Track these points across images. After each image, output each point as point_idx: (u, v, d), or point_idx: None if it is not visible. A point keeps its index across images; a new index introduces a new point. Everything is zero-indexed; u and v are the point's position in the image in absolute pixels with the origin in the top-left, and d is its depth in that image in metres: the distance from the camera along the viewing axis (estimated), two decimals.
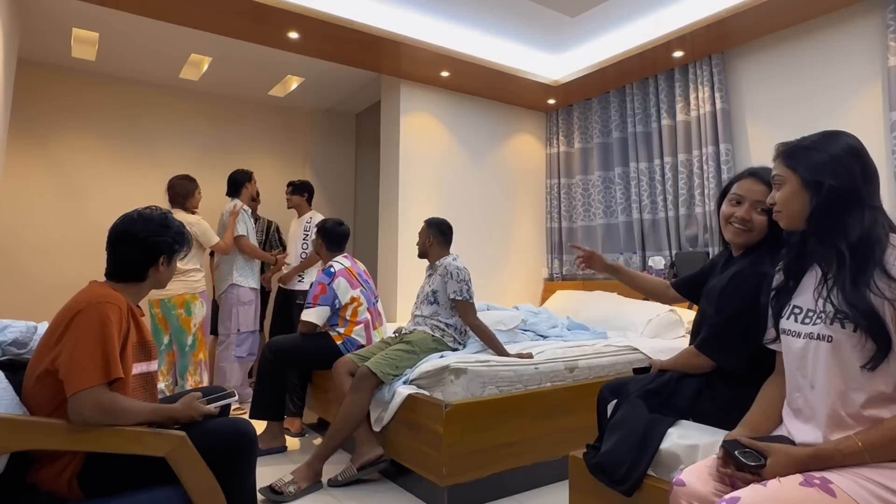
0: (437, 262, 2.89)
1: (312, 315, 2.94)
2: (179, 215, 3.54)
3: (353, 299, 3.02)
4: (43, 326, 1.79)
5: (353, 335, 2.98)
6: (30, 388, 1.44)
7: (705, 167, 3.81)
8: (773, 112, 3.62)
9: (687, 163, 3.98)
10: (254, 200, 4.13)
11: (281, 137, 5.45)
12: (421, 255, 2.97)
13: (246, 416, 3.23)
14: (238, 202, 3.81)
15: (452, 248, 3.02)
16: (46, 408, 1.42)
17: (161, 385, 1.97)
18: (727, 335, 1.44)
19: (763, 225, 1.46)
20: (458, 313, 2.79)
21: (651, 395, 1.49)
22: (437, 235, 2.92)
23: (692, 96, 3.95)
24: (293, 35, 3.58)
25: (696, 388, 1.48)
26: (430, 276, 2.93)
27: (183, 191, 3.58)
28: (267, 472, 2.58)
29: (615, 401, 1.53)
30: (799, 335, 1.15)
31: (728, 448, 1.08)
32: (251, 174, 3.98)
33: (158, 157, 4.76)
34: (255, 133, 5.30)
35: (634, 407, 1.45)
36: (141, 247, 1.62)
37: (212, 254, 3.97)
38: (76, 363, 1.36)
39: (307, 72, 4.52)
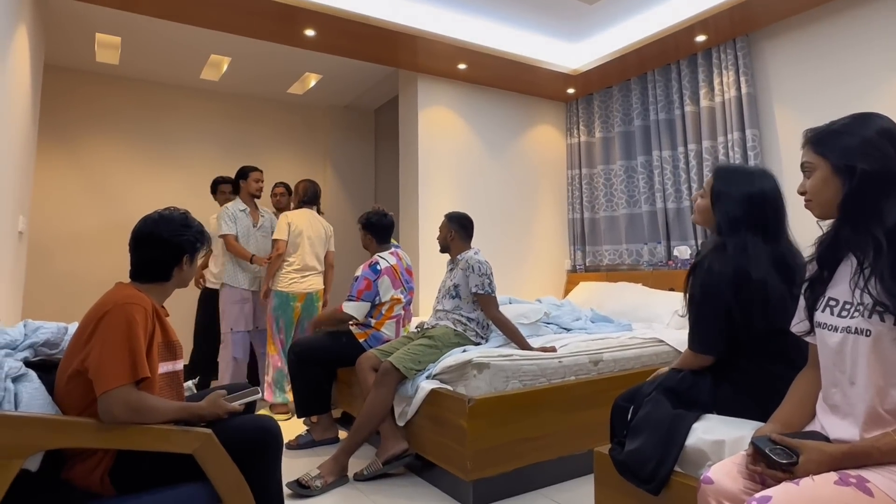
0: (458, 257, 2.88)
1: (353, 308, 2.97)
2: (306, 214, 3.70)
3: (392, 298, 3.05)
4: (73, 327, 1.83)
5: (381, 329, 3.01)
6: (61, 388, 1.48)
7: (731, 154, 3.72)
8: (802, 96, 3.50)
9: (712, 150, 3.89)
10: (254, 197, 3.97)
11: (300, 135, 5.49)
12: (443, 250, 2.97)
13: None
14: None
15: (473, 242, 3.00)
16: (77, 407, 1.45)
17: (189, 383, 1.99)
18: (696, 325, 1.50)
19: (701, 208, 1.59)
20: (480, 307, 2.77)
21: (669, 393, 1.46)
22: (458, 230, 2.91)
23: (716, 81, 3.85)
24: (310, 32, 3.59)
25: (714, 379, 1.47)
26: (451, 270, 2.92)
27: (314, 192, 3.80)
28: (294, 466, 2.62)
29: (632, 406, 1.51)
30: (835, 329, 1.10)
31: (758, 445, 1.04)
32: (248, 171, 3.87)
33: (181, 157, 4.84)
34: (275, 131, 5.34)
35: (657, 404, 1.42)
36: (166, 247, 1.65)
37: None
38: (104, 364, 1.39)
39: (325, 68, 4.53)
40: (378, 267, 3.06)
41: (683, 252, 3.92)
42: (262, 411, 3.48)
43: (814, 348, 1.20)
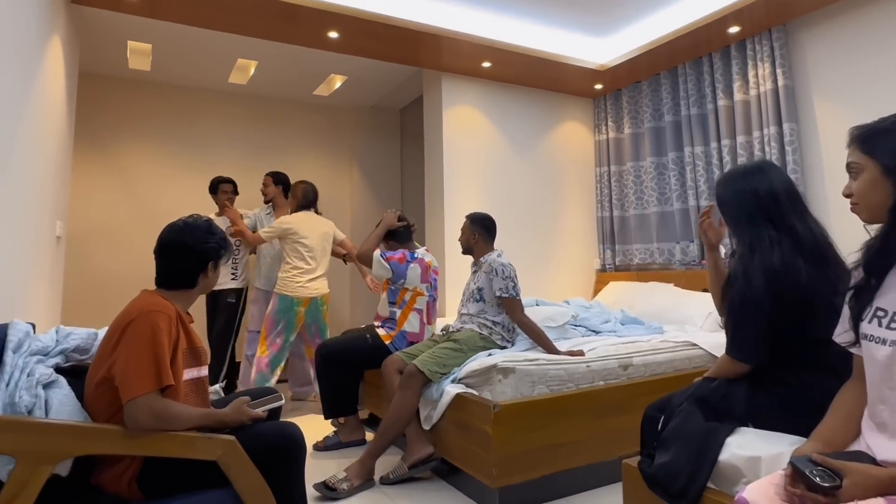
0: (481, 259, 2.85)
1: (377, 261, 2.97)
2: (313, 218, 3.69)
3: (416, 290, 3.04)
4: (103, 332, 1.86)
5: (404, 327, 2.99)
6: (90, 395, 1.50)
7: (768, 149, 3.58)
8: (845, 89, 3.34)
9: (747, 145, 3.75)
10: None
11: (327, 136, 5.52)
12: (465, 252, 2.94)
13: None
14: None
15: (499, 242, 2.96)
16: (105, 413, 1.48)
17: (216, 387, 2.02)
18: (737, 330, 1.42)
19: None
20: (505, 311, 2.74)
21: (702, 404, 1.40)
22: (481, 231, 2.87)
23: (751, 74, 3.71)
24: (333, 35, 3.59)
25: (749, 390, 1.40)
26: (474, 272, 2.89)
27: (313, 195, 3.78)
28: (321, 468, 2.63)
29: (662, 417, 1.45)
30: (884, 342, 1.03)
31: (798, 465, 0.98)
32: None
33: (212, 160, 4.92)
34: (301, 133, 5.39)
35: (688, 415, 1.36)
36: (191, 254, 1.67)
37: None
38: (130, 371, 1.41)
39: (350, 70, 4.54)
40: (416, 254, 3.09)
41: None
42: None
43: (859, 360, 1.13)
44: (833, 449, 1.06)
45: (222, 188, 4.04)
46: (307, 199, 3.72)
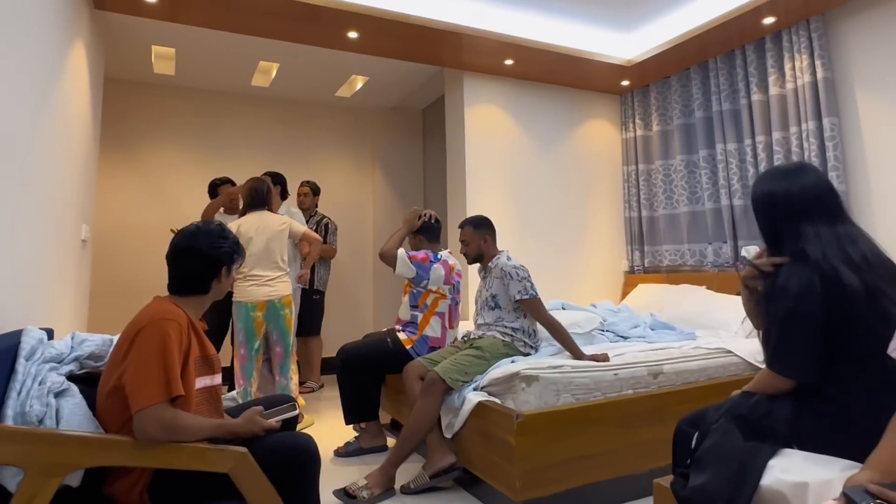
0: (490, 264, 2.76)
1: (402, 259, 2.88)
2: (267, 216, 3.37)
3: (438, 291, 2.96)
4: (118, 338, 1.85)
5: (426, 331, 2.93)
6: (102, 403, 1.48)
7: (806, 145, 3.40)
8: (890, 79, 3.14)
9: (784, 141, 3.58)
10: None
11: (350, 137, 5.51)
12: (474, 261, 2.84)
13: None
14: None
15: (523, 243, 2.87)
16: (117, 423, 1.44)
17: (233, 393, 1.99)
18: (783, 343, 1.29)
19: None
20: (527, 313, 2.65)
21: (740, 421, 1.29)
22: (490, 234, 2.79)
23: (787, 66, 3.53)
24: (352, 35, 3.55)
25: (794, 407, 1.28)
26: (484, 278, 2.80)
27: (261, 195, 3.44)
28: (342, 474, 2.59)
29: (696, 433, 1.34)
30: None
31: (853, 497, 0.88)
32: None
33: (236, 162, 4.95)
34: (324, 134, 5.39)
35: (726, 434, 1.25)
36: (205, 259, 1.64)
37: None
38: (139, 381, 1.38)
39: (371, 70, 4.51)
40: (439, 255, 3.01)
41: (752, 252, 3.62)
42: None
43: None
44: (893, 479, 0.95)
45: (221, 190, 3.91)
46: (254, 199, 3.34)
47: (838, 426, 1.18)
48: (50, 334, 1.74)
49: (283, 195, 3.90)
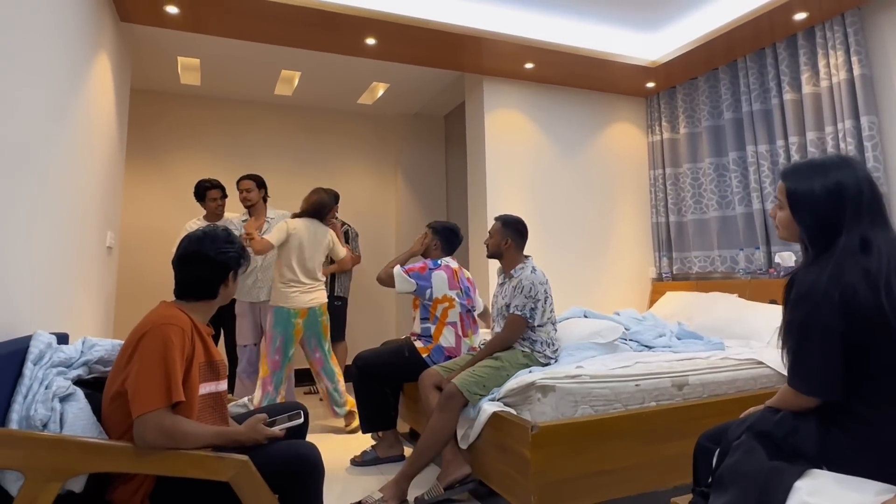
0: (512, 272, 2.67)
1: (398, 275, 2.85)
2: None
3: (445, 298, 2.89)
4: None
5: (440, 342, 2.87)
6: (106, 408, 1.47)
7: (843, 145, 3.24)
8: None
9: (819, 142, 3.42)
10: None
11: (371, 144, 5.52)
12: (492, 256, 2.75)
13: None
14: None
15: (546, 249, 2.79)
16: (120, 427, 1.43)
17: (244, 400, 1.97)
18: (799, 361, 1.19)
19: (784, 221, 1.31)
20: (507, 321, 2.56)
21: (764, 439, 1.19)
22: (514, 237, 2.68)
23: (821, 64, 3.38)
24: (370, 41, 3.56)
25: (821, 425, 1.17)
26: (501, 285, 2.72)
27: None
28: (359, 483, 2.55)
29: (718, 450, 1.25)
30: None
31: None
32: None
33: (260, 169, 4.98)
34: (347, 141, 5.41)
35: (749, 452, 1.15)
36: (212, 265, 1.63)
37: None
38: (140, 387, 1.36)
39: (392, 77, 4.51)
40: (438, 261, 2.96)
41: (787, 259, 3.46)
42: None
43: None
44: None
45: (210, 194, 3.78)
46: (316, 210, 3.39)
47: (868, 445, 1.07)
48: (63, 339, 1.75)
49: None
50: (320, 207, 3.40)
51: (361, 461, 2.90)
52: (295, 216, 3.42)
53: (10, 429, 1.32)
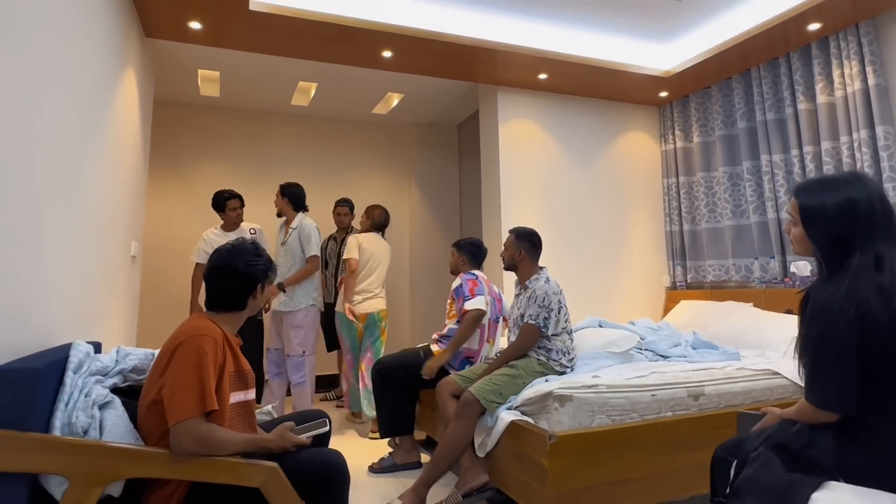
0: (527, 283, 2.71)
1: (478, 302, 2.95)
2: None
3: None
4: None
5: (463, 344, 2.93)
6: (142, 416, 1.52)
7: (858, 155, 3.25)
8: None
9: (833, 151, 3.42)
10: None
11: (386, 153, 5.59)
12: (508, 268, 2.82)
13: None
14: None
15: (560, 259, 2.83)
16: (156, 434, 1.49)
17: (268, 407, 2.02)
18: (816, 375, 1.22)
19: (798, 236, 1.36)
20: (521, 330, 2.60)
21: (781, 451, 1.22)
22: (528, 248, 2.74)
23: (836, 73, 3.39)
24: (387, 54, 3.62)
25: (837, 437, 1.20)
26: (518, 295, 2.77)
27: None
28: (377, 490, 2.59)
29: (735, 461, 1.28)
30: None
31: None
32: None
33: (277, 179, 5.07)
34: (362, 151, 5.49)
35: (766, 464, 1.18)
36: (241, 277, 1.69)
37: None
38: (175, 395, 1.42)
39: (406, 87, 4.57)
40: (474, 274, 3.11)
41: (802, 268, 3.47)
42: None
43: None
44: None
45: (230, 204, 3.83)
46: (380, 222, 3.91)
47: (884, 457, 1.10)
48: (97, 348, 1.81)
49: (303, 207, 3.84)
50: (385, 221, 3.92)
51: (379, 468, 2.94)
52: (361, 231, 3.92)
53: (54, 435, 1.38)
